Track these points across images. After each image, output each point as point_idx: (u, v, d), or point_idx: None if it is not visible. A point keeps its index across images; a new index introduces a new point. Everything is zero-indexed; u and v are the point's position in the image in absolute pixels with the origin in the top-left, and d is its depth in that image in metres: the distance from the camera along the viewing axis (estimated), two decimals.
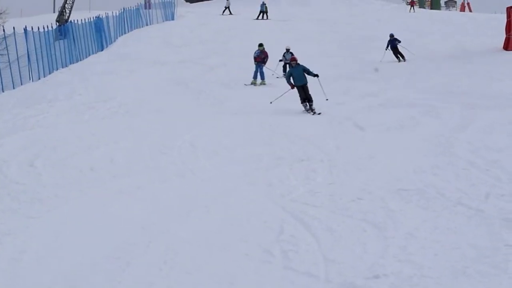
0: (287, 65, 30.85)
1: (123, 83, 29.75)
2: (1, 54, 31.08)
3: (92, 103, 24.52)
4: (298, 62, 23.26)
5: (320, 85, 22.54)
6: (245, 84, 29.32)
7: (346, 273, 8.47)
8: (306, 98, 22.42)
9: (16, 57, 31.20)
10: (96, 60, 38.62)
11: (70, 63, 37.46)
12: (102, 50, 43.43)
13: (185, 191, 13.11)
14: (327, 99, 22.49)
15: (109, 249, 9.84)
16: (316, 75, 22.64)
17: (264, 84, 29.59)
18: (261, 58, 30.06)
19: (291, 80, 22.82)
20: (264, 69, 30.05)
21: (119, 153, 16.38)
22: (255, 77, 29.81)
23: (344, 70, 30.82)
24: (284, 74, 30.66)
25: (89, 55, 41.07)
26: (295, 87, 22.72)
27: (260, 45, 30.63)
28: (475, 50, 34.28)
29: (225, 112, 22.73)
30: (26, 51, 32.24)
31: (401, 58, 34.63)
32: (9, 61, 30.51)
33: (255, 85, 29.48)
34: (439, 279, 8.12)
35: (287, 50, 32.17)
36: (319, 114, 21.62)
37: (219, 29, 47.77)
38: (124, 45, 44.21)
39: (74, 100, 25.46)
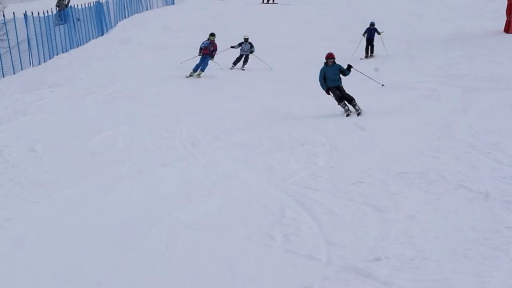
0: (243, 57, 30.20)
1: (123, 68, 29.71)
2: (1, 40, 31.01)
3: (92, 88, 24.49)
4: (335, 60, 19.52)
5: (365, 75, 20.97)
6: (186, 76, 27.29)
7: (348, 256, 8.48)
8: (343, 97, 19.18)
9: (17, 43, 31.14)
10: (96, 45, 38.54)
11: (71, 48, 37.39)
12: (102, 35, 43.33)
13: (186, 175, 13.12)
14: (383, 85, 21.28)
15: (111, 233, 9.86)
16: (350, 67, 19.57)
17: (199, 77, 27.00)
18: (209, 50, 27.75)
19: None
20: (210, 62, 27.66)
21: (120, 138, 16.38)
22: (195, 69, 27.33)
23: (345, 54, 30.72)
24: (233, 66, 29.94)
25: (89, 40, 40.98)
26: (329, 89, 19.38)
27: (212, 35, 28.27)
28: (475, 33, 34.12)
29: (226, 96, 22.71)
30: (26, 36, 32.17)
31: (370, 54, 32.10)
32: (9, 47, 30.46)
33: (191, 77, 27.07)
34: (440, 262, 8.13)
35: (246, 40, 30.53)
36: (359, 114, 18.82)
37: (219, 14, 47.57)
38: (124, 30, 44.09)
39: (74, 85, 25.44)
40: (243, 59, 30.30)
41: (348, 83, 19.46)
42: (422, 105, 19.12)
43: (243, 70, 29.79)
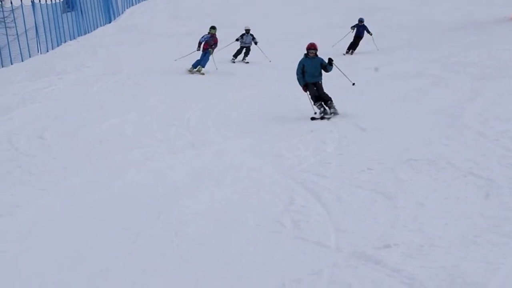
0: (244, 49, 29.51)
1: (131, 55, 29.74)
2: (9, 27, 31.04)
3: (100, 75, 24.52)
4: (317, 52, 17.52)
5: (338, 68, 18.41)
6: (188, 71, 26.09)
7: (357, 243, 8.47)
8: (320, 97, 17.33)
9: (24, 30, 31.20)
10: (104, 33, 38.58)
11: (78, 36, 37.44)
12: (110, 22, 43.36)
13: (195, 163, 13.12)
14: (353, 84, 18.74)
15: (119, 221, 9.86)
16: (331, 62, 17.47)
17: (201, 73, 25.49)
18: (209, 45, 26.22)
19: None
20: (210, 57, 26.12)
21: (128, 125, 16.39)
22: (195, 65, 25.93)
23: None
24: (234, 59, 29.17)
25: (97, 27, 40.99)
26: (307, 86, 17.44)
27: (212, 28, 26.58)
28: (484, 20, 34.01)
29: (233, 85, 22.71)
30: (34, 24, 32.21)
31: (351, 51, 30.28)
32: (17, 34, 30.51)
33: (191, 73, 25.64)
34: (450, 249, 8.11)
35: (247, 31, 29.68)
36: (337, 115, 17.10)
37: (225, 1, 47.54)
38: (132, 17, 44.13)
39: (82, 72, 25.47)
40: (243, 51, 29.60)
41: (354, 73, 19.41)
42: (430, 92, 19.08)
43: (247, 63, 29.17)
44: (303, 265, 7.94)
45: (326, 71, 17.50)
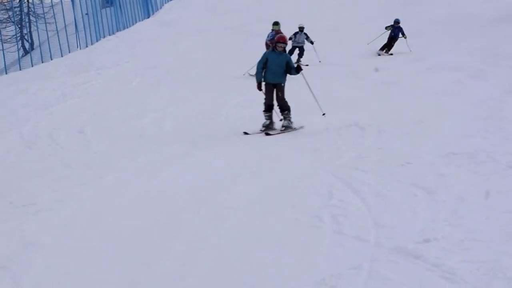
0: (296, 49, 27.68)
1: (169, 50, 29.86)
2: (49, 23, 31.37)
3: (139, 70, 24.68)
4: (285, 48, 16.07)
5: (313, 95, 16.60)
6: (250, 74, 23.13)
7: (397, 238, 8.43)
8: (273, 104, 15.60)
9: (64, 25, 31.47)
10: (142, 28, 38.77)
11: (117, 31, 37.67)
12: (148, 17, 43.57)
13: (232, 157, 13.15)
14: (323, 114, 16.10)
15: (158, 215, 9.91)
16: (299, 70, 15.64)
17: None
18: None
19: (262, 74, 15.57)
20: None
21: (167, 120, 16.49)
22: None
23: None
24: (300, 62, 25.62)
25: (136, 22, 41.20)
26: (263, 85, 15.63)
27: (276, 23, 24.31)
28: None
29: None
30: (74, 19, 32.47)
31: (384, 52, 28.76)
32: (56, 29, 30.84)
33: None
34: (491, 243, 8.05)
35: (301, 29, 27.81)
36: (293, 129, 15.42)
37: None
38: (170, 12, 44.27)
39: (121, 68, 25.65)
40: (297, 51, 27.85)
41: (394, 65, 19.33)
42: (469, 85, 18.95)
43: (306, 65, 24.94)
44: (343, 260, 7.92)
45: (290, 73, 15.65)
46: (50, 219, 9.99)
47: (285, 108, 15.45)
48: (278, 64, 15.28)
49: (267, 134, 14.91)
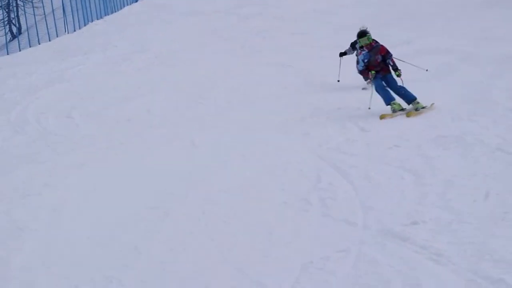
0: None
1: (158, 34, 29.77)
2: (36, 7, 31.25)
3: (127, 55, 24.60)
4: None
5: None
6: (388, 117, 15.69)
7: (384, 220, 8.45)
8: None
9: (52, 10, 31.34)
10: (130, 11, 38.62)
11: (105, 15, 37.52)
12: (136, 1, 43.40)
13: (222, 141, 13.13)
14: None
15: (147, 199, 9.92)
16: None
17: (421, 107, 14.24)
18: (378, 62, 14.76)
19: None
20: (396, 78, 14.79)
21: (155, 104, 16.46)
22: (389, 99, 14.46)
23: (379, 18, 30.35)
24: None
25: (124, 6, 41.05)
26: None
27: (363, 34, 14.87)
28: None
29: (260, 62, 22.65)
30: (61, 3, 32.33)
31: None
32: (44, 14, 30.73)
33: (395, 112, 14.30)
34: (478, 225, 8.06)
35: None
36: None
37: None
38: None
39: (109, 52, 25.57)
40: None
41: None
42: (459, 68, 18.93)
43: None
44: (331, 243, 7.94)
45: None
46: (38, 204, 9.99)
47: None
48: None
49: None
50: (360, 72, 15.11)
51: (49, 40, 29.72)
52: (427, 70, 17.01)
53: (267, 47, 25.91)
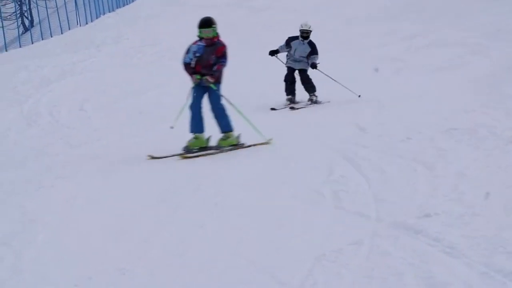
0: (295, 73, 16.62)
1: (169, 27, 29.77)
2: (48, 0, 31.28)
3: (139, 47, 24.64)
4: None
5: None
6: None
7: (397, 213, 8.43)
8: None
9: (64, 2, 31.40)
10: (142, 4, 38.62)
11: (117, 8, 37.55)
12: None
13: (234, 133, 13.10)
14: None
15: (159, 192, 9.92)
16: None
17: (230, 144, 12.45)
18: (210, 64, 12.47)
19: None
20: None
21: (167, 97, 16.47)
22: (194, 127, 12.40)
23: (390, 10, 30.32)
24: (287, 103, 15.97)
25: None
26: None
27: (207, 24, 12.78)
28: None
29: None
30: None
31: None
32: (56, 6, 30.80)
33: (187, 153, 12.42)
34: (491, 217, 8.04)
35: (304, 34, 17.00)
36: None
37: None
38: None
39: (121, 45, 25.61)
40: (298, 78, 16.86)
41: (393, 41, 19.14)
42: (471, 61, 18.90)
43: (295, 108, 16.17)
44: (343, 235, 7.92)
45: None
46: (51, 196, 10.02)
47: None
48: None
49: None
50: (184, 65, 12.42)
51: (61, 33, 29.82)
52: (359, 96, 15.70)
53: (276, 40, 25.82)
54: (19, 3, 38.13)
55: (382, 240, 7.64)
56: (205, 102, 12.17)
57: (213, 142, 12.17)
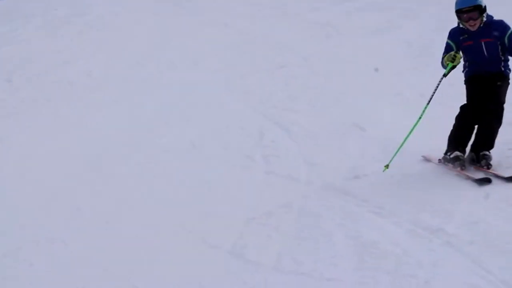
0: None
1: None
2: None
3: (68, 18, 24.22)
4: None
5: None
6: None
7: (327, 175, 8.51)
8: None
9: None
10: None
11: None
12: None
13: (165, 100, 13.04)
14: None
15: (90, 161, 9.84)
16: None
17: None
18: None
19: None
20: None
21: (96, 67, 16.25)
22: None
23: None
24: None
25: None
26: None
27: None
28: None
29: (201, 22, 22.45)
30: None
31: None
32: None
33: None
34: (420, 177, 8.17)
35: None
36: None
37: None
38: None
39: (50, 15, 25.15)
40: None
41: (324, 6, 19.17)
42: (400, 25, 19.01)
43: None
44: (274, 198, 7.98)
45: None
46: None
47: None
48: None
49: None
50: None
51: None
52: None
53: (206, 6, 25.66)
54: None
55: (312, 202, 7.71)
56: None
57: None
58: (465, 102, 8.55)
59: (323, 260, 6.30)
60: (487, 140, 8.29)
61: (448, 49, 8.82)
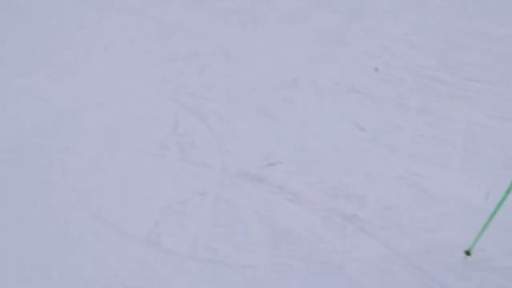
0: None
1: None
2: None
3: None
4: None
5: None
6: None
7: (242, 163, 8.53)
8: None
9: None
10: None
11: None
12: None
13: (78, 90, 12.88)
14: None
15: (3, 150, 9.68)
16: None
17: None
18: None
19: None
20: None
21: (7, 54, 15.95)
22: None
23: None
24: None
25: None
26: None
27: None
28: None
29: (115, 9, 22.23)
30: None
31: None
32: None
33: None
34: (334, 164, 8.25)
35: None
36: None
37: None
38: None
39: None
40: None
41: None
42: (313, 13, 19.11)
43: None
44: (189, 187, 7.97)
45: None
46: None
47: None
48: None
49: None
50: None
51: None
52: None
53: None
54: None
55: (227, 190, 7.73)
56: None
57: None
58: None
59: (238, 247, 6.33)
60: None
61: None
